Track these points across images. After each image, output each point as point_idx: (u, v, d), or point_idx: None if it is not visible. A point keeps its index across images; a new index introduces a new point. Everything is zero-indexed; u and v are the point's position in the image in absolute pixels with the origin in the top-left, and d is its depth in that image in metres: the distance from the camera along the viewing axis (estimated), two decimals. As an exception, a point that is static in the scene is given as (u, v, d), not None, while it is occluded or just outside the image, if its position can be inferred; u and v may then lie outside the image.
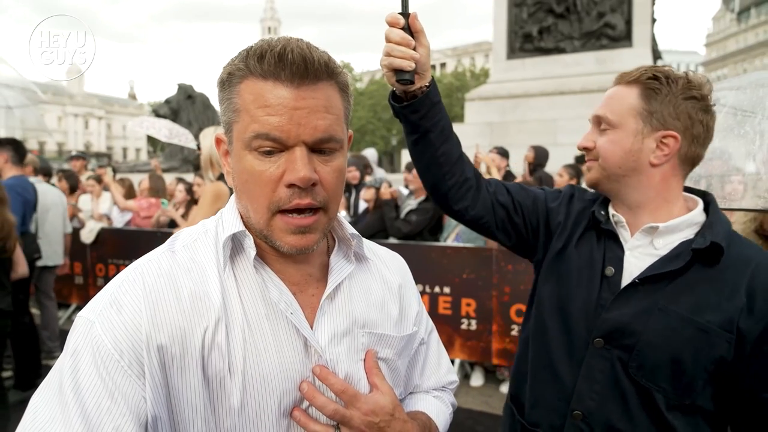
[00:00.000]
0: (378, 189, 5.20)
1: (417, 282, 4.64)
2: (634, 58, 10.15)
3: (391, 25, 1.20)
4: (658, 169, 1.24)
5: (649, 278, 1.20)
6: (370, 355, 0.93)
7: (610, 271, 1.27)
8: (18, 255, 3.74)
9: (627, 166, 1.26)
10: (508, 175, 5.55)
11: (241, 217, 0.89)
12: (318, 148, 0.81)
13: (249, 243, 0.86)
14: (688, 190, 1.33)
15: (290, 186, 0.79)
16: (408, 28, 1.20)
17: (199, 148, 3.52)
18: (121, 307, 0.78)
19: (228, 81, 0.83)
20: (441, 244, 4.75)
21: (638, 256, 1.25)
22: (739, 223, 2.43)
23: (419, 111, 1.33)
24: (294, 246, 0.83)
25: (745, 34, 64.59)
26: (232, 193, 0.93)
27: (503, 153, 5.59)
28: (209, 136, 3.26)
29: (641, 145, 1.24)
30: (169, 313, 0.79)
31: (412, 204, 5.05)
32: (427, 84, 1.31)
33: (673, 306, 1.17)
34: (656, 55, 11.99)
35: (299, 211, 0.81)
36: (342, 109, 0.85)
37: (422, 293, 4.62)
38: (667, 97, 1.22)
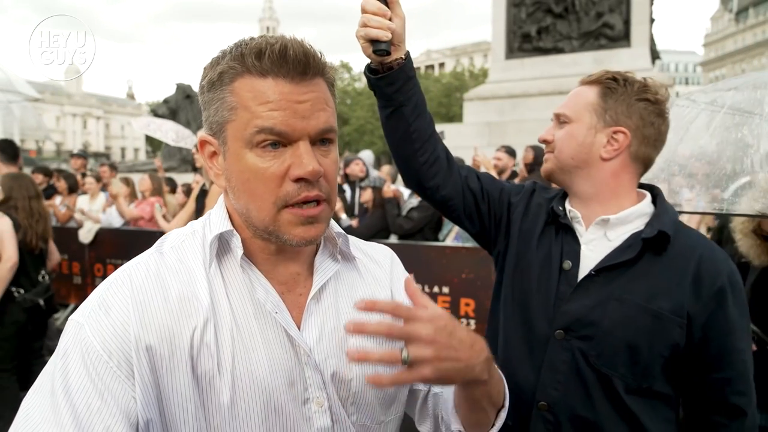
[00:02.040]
0: (375, 188, 5.21)
1: (416, 282, 4.65)
2: (632, 58, 10.15)
3: None
4: (609, 163, 1.31)
5: (605, 269, 1.25)
6: (410, 281, 0.84)
7: (567, 264, 1.31)
8: (51, 244, 3.77)
9: (579, 157, 1.32)
10: (514, 175, 5.53)
11: (231, 217, 0.89)
12: (318, 140, 0.82)
13: (236, 243, 0.86)
14: (640, 186, 1.39)
15: (297, 180, 0.80)
16: None
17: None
18: (109, 308, 0.78)
19: (219, 80, 0.82)
20: (440, 244, 4.75)
21: (593, 249, 1.30)
22: (737, 222, 2.44)
23: (395, 83, 1.34)
24: (303, 238, 0.83)
25: (744, 34, 64.69)
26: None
27: (511, 152, 5.59)
28: None
29: (593, 138, 1.31)
30: (157, 314, 0.80)
31: (413, 203, 5.07)
32: (403, 56, 1.32)
33: (628, 295, 1.23)
34: (654, 55, 11.99)
35: (305, 202, 0.82)
36: (333, 103, 0.87)
37: (421, 293, 4.62)
38: (622, 96, 1.29)
